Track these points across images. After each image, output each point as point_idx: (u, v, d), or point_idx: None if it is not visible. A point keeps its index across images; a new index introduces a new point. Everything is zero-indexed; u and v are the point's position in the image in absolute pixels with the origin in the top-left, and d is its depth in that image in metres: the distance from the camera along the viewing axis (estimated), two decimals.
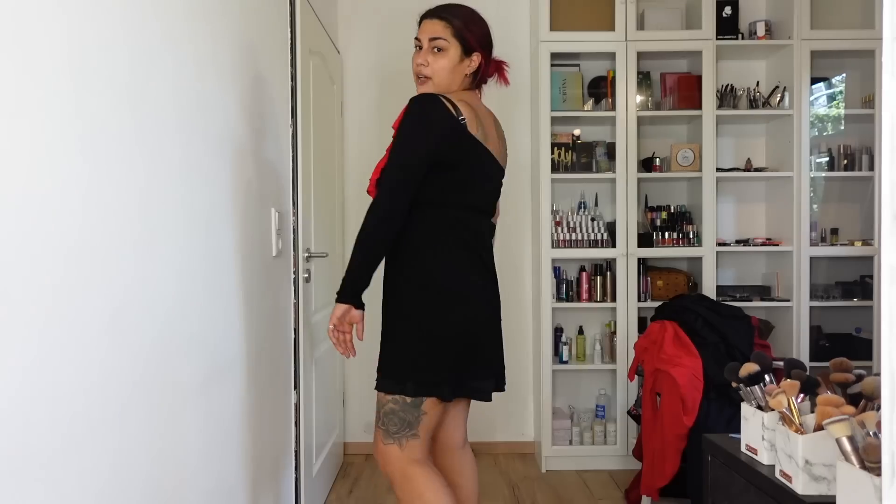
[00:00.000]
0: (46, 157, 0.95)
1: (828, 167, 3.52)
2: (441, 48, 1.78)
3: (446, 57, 1.78)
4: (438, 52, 1.78)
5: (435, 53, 1.78)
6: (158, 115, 1.32)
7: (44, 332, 0.94)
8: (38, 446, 0.93)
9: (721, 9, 3.34)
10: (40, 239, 0.94)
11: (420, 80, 1.81)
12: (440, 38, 1.78)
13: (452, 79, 1.80)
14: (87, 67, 1.06)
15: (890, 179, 0.58)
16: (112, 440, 1.12)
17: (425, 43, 1.80)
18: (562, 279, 3.45)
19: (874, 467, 1.11)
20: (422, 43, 1.81)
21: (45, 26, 0.96)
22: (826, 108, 3.62)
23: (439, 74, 1.79)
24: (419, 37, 1.81)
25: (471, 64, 1.82)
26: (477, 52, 1.82)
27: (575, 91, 3.47)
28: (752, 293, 3.47)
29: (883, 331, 0.58)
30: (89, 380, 1.05)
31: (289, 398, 2.39)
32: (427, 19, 1.82)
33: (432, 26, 1.79)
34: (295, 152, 2.50)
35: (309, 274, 2.61)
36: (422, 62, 1.79)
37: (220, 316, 1.65)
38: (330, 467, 3.10)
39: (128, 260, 1.18)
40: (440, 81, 1.80)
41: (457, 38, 1.79)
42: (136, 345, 1.21)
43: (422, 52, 1.81)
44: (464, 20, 1.80)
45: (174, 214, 1.38)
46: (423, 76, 1.80)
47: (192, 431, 1.47)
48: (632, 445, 3.24)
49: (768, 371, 1.53)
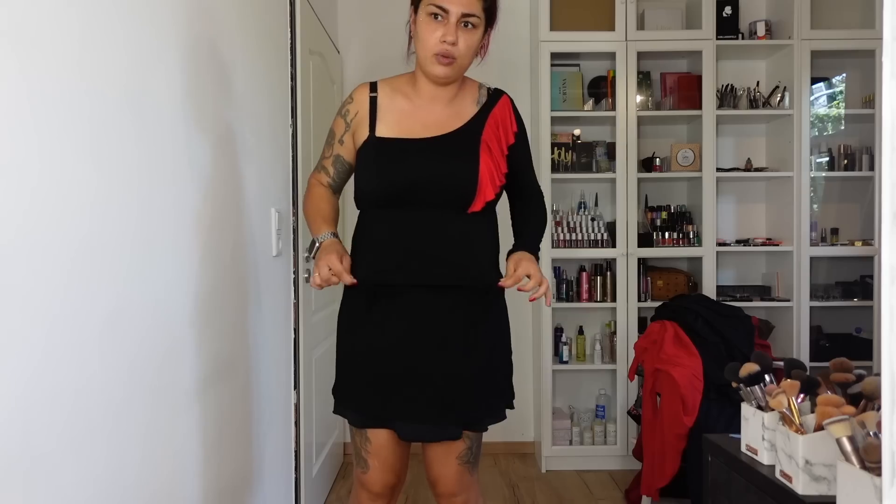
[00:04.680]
0: (48, 159, 0.95)
1: (828, 167, 3.52)
2: (474, 25, 1.50)
3: (476, 35, 1.52)
4: (470, 29, 1.50)
5: (466, 30, 1.50)
6: (158, 115, 1.31)
7: (44, 332, 0.94)
8: (38, 447, 0.93)
9: (721, 9, 3.34)
10: (40, 239, 0.94)
11: (444, 60, 1.50)
12: (475, 14, 1.49)
13: (472, 60, 1.57)
14: (87, 68, 1.06)
15: (890, 179, 0.58)
16: (111, 440, 1.12)
17: (454, 17, 1.47)
18: (562, 279, 3.45)
19: (874, 467, 1.11)
20: (448, 16, 1.48)
21: (47, 27, 0.96)
22: (826, 108, 3.62)
23: (467, 57, 1.53)
24: (443, 5, 1.47)
25: (486, 41, 1.58)
26: (491, 28, 1.57)
27: (575, 91, 3.47)
28: (752, 293, 3.47)
29: (883, 331, 0.58)
30: (89, 380, 1.05)
31: (289, 398, 2.39)
32: None
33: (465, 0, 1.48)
34: (295, 152, 2.50)
35: (309, 274, 2.61)
36: (453, 40, 1.48)
37: (220, 316, 1.65)
38: (330, 467, 3.10)
39: (127, 260, 1.18)
40: (465, 64, 1.55)
41: (486, 13, 1.52)
42: (135, 345, 1.21)
43: (448, 26, 1.48)
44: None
45: (174, 214, 1.38)
46: (452, 57, 1.50)
47: (192, 432, 1.47)
48: (632, 445, 3.24)
49: (768, 371, 1.53)
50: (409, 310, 1.53)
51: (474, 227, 1.55)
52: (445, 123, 1.57)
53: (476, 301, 1.56)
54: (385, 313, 1.55)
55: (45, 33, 0.96)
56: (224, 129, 1.70)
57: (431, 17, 1.49)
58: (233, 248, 1.75)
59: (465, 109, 1.60)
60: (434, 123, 1.57)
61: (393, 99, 1.62)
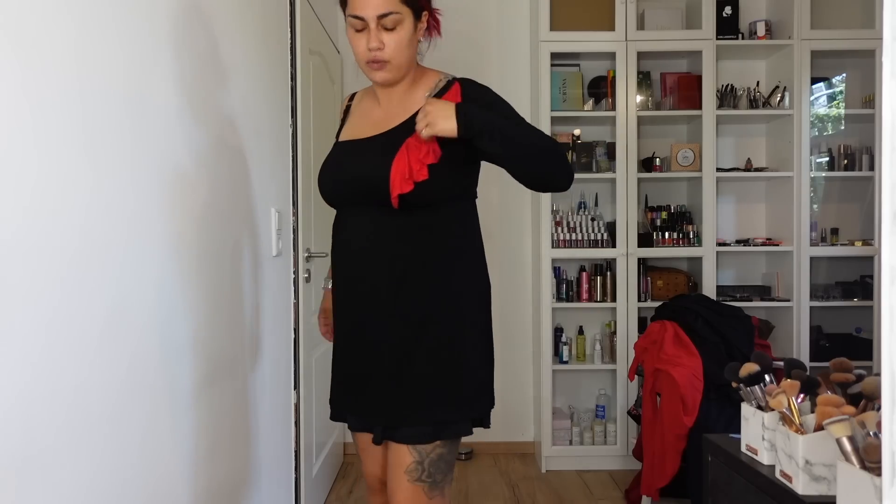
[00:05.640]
0: (47, 159, 0.95)
1: (828, 167, 3.52)
2: (397, 21, 1.41)
3: (403, 30, 1.42)
4: (393, 27, 1.41)
5: (388, 31, 1.42)
6: (158, 115, 1.31)
7: (43, 332, 0.94)
8: (37, 445, 0.93)
9: (721, 9, 3.34)
10: (40, 238, 0.94)
11: (374, 66, 1.45)
12: (391, 12, 1.39)
13: (411, 54, 1.47)
14: (85, 68, 1.06)
15: (890, 179, 0.58)
16: (110, 440, 1.12)
17: (372, 22, 1.40)
18: (562, 279, 3.45)
19: (874, 467, 1.11)
20: (364, 23, 1.41)
21: (47, 28, 0.96)
22: (826, 108, 3.62)
23: (400, 54, 1.44)
24: (357, 14, 1.40)
25: (422, 26, 1.47)
26: (426, 10, 1.47)
27: (575, 91, 3.47)
28: (752, 293, 3.47)
29: (883, 331, 0.58)
30: (88, 379, 1.05)
31: (289, 398, 2.39)
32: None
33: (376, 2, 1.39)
34: (295, 152, 2.50)
35: (309, 274, 2.61)
36: (375, 45, 1.41)
37: (220, 316, 1.65)
38: (330, 467, 3.10)
39: (126, 259, 1.18)
40: (401, 62, 1.46)
41: (407, 3, 1.42)
42: (134, 344, 1.21)
43: (368, 33, 1.41)
44: None
45: (174, 214, 1.38)
46: (382, 60, 1.44)
47: (191, 431, 1.47)
48: (632, 445, 3.24)
49: (768, 371, 1.53)
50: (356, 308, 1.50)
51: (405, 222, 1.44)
52: (389, 121, 1.51)
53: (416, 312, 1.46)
54: (341, 313, 1.54)
55: (44, 34, 0.96)
56: (224, 128, 1.70)
57: (353, 30, 1.44)
58: (233, 248, 1.75)
59: (415, 105, 1.50)
60: (381, 121, 1.52)
61: (360, 103, 1.63)
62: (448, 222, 1.48)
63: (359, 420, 1.55)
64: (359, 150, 1.51)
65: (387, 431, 1.46)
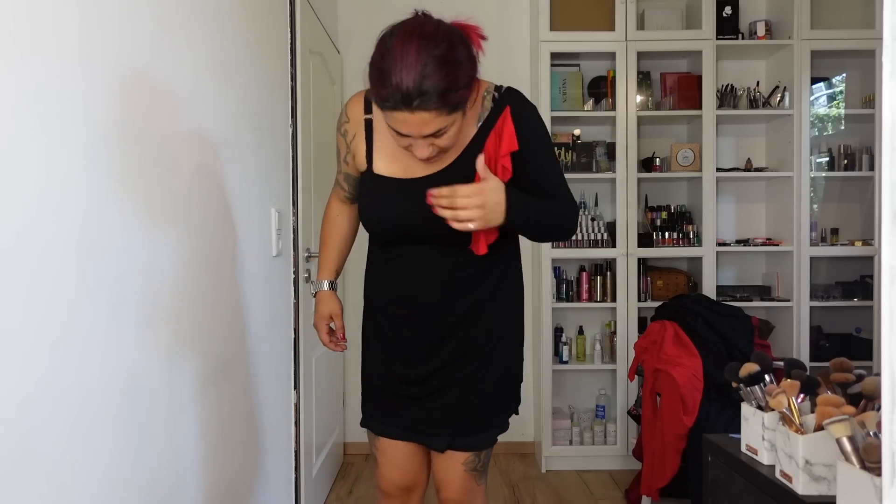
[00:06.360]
0: (47, 159, 0.95)
1: (828, 167, 3.52)
2: (444, 130, 1.32)
3: (451, 130, 1.33)
4: (441, 134, 1.32)
5: (437, 137, 1.33)
6: (157, 115, 1.31)
7: (43, 332, 0.94)
8: (39, 446, 0.93)
9: (721, 9, 3.34)
10: (40, 237, 0.94)
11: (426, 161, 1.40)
12: (440, 130, 1.31)
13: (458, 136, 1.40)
14: (85, 67, 1.06)
15: (890, 179, 0.58)
16: (111, 440, 1.12)
17: (418, 140, 1.32)
18: (562, 279, 3.45)
19: (874, 467, 1.11)
20: (410, 138, 1.32)
21: (48, 28, 0.96)
22: (826, 108, 3.62)
23: (452, 141, 1.37)
24: (401, 131, 1.30)
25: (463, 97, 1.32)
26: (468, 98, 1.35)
27: (575, 91, 3.47)
28: (752, 293, 3.47)
29: (883, 331, 0.58)
30: (89, 380, 1.05)
31: (289, 398, 2.39)
32: (402, 112, 1.26)
33: (420, 123, 1.27)
34: (295, 152, 2.50)
35: (309, 274, 2.61)
36: (428, 154, 1.35)
37: (220, 316, 1.65)
38: (330, 467, 3.10)
39: (127, 260, 1.18)
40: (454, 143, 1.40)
41: (454, 111, 1.30)
42: (135, 344, 1.21)
43: (418, 143, 1.33)
44: (449, 83, 1.25)
45: (174, 213, 1.38)
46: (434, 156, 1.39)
47: (192, 431, 1.47)
48: (632, 445, 3.24)
49: (768, 371, 1.53)
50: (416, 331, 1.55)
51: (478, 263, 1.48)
52: (442, 156, 1.42)
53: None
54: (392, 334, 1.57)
55: (45, 32, 0.96)
56: (224, 128, 1.70)
57: (398, 134, 1.33)
58: (233, 248, 1.75)
59: (464, 132, 1.43)
60: None
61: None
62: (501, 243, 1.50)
63: (405, 430, 1.58)
64: (415, 191, 1.41)
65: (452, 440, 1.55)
